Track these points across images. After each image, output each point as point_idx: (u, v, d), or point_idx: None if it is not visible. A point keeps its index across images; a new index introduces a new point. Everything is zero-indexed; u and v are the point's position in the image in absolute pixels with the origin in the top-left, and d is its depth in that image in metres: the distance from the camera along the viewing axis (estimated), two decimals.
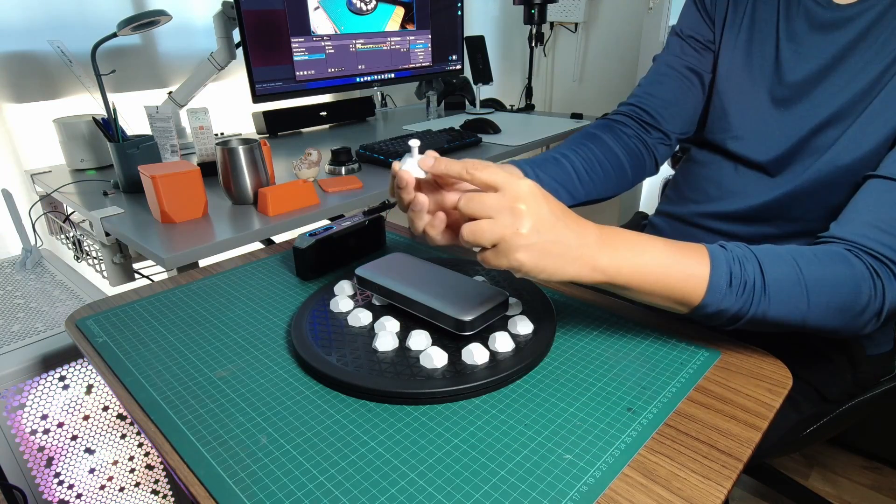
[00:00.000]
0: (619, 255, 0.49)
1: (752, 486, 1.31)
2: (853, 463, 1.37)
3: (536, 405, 0.50)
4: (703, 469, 0.43)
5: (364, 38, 1.58)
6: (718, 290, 0.50)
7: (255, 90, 1.39)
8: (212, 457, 0.45)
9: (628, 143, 0.81)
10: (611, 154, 0.79)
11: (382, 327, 0.58)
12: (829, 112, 0.64)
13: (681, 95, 0.81)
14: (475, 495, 0.41)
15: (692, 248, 0.52)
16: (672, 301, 0.52)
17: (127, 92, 1.49)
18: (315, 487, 0.42)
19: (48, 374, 0.86)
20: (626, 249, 0.50)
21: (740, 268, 0.51)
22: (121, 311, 0.67)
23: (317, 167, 1.12)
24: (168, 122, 1.17)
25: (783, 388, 0.52)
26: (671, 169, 1.84)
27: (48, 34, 1.32)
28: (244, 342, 0.60)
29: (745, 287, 0.50)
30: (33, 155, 1.37)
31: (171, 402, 0.51)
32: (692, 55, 0.80)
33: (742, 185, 0.73)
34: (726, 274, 0.50)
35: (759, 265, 0.51)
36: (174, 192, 0.93)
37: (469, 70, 1.90)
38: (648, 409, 0.50)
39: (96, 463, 0.93)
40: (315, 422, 0.49)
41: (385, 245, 0.84)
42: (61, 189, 1.14)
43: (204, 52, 1.42)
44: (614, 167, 0.79)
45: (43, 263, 1.17)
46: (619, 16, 1.97)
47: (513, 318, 0.59)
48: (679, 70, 0.81)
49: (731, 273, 0.50)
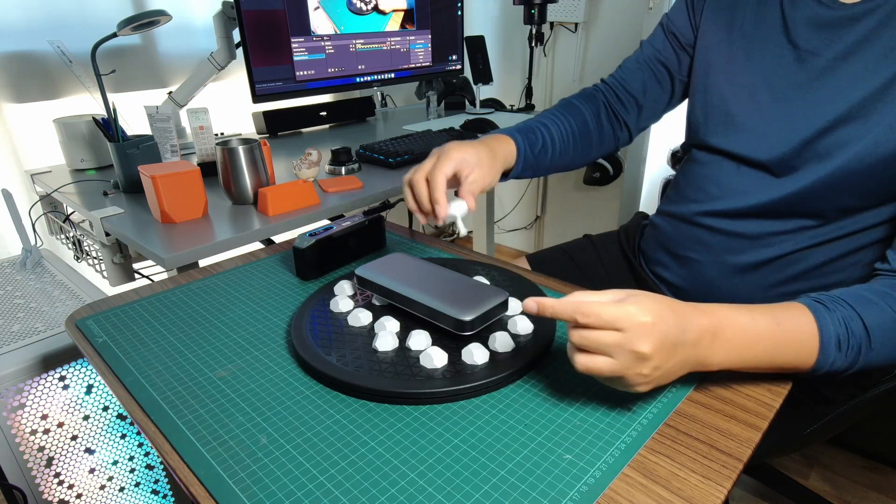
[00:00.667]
0: (732, 352, 0.49)
1: (752, 486, 1.31)
2: (853, 463, 1.37)
3: (536, 405, 0.50)
4: (703, 469, 0.43)
5: (364, 38, 1.58)
6: (828, 356, 0.51)
7: (255, 90, 1.39)
8: (212, 457, 0.45)
9: (601, 121, 0.87)
10: (585, 129, 0.86)
11: (382, 327, 0.58)
12: (835, 114, 0.64)
13: (649, 92, 0.86)
14: (475, 495, 0.41)
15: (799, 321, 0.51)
16: (784, 371, 0.53)
17: (127, 92, 1.49)
18: (315, 487, 0.42)
19: (48, 374, 0.86)
20: (739, 343, 0.49)
21: (846, 330, 0.52)
22: (121, 311, 0.67)
23: (317, 167, 1.12)
24: (168, 122, 1.17)
25: (783, 389, 0.53)
26: (672, 170, 1.84)
27: (48, 34, 1.32)
28: (244, 342, 0.60)
29: (850, 348, 0.52)
30: (33, 155, 1.37)
31: (171, 402, 0.51)
32: (669, 52, 0.84)
33: (744, 183, 0.72)
34: (835, 341, 0.51)
35: (863, 322, 0.52)
36: (174, 192, 0.93)
37: (469, 70, 1.90)
38: (648, 409, 0.49)
39: (96, 463, 0.93)
40: (315, 422, 0.49)
41: (385, 245, 0.84)
42: (61, 189, 1.14)
43: (204, 52, 1.42)
44: (584, 141, 0.86)
45: (43, 263, 1.17)
46: (619, 16, 1.97)
47: (513, 318, 0.59)
48: (653, 65, 0.85)
49: (839, 337, 0.51)
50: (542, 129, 0.82)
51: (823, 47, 0.66)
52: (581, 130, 0.85)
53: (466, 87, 1.96)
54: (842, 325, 0.52)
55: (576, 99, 0.89)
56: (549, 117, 0.84)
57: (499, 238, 2.64)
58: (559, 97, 2.31)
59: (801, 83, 0.68)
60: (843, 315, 0.52)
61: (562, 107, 0.87)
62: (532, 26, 1.93)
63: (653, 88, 0.85)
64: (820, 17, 0.66)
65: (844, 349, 0.51)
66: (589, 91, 0.90)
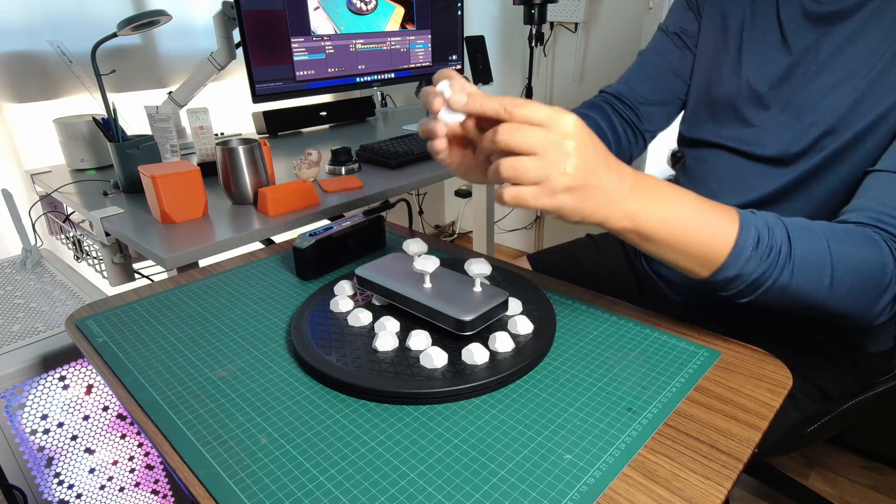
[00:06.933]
0: (650, 204, 0.48)
1: (752, 486, 1.31)
2: (853, 463, 1.37)
3: (536, 405, 0.50)
4: (703, 469, 0.43)
5: (364, 38, 1.58)
6: (744, 251, 0.49)
7: (255, 90, 1.39)
8: (212, 457, 0.45)
9: (616, 129, 0.83)
10: (603, 138, 0.80)
11: (382, 327, 0.58)
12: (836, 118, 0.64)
13: (658, 96, 0.83)
14: (475, 495, 0.41)
15: (722, 208, 0.51)
16: (694, 260, 0.50)
17: (127, 92, 1.49)
18: (315, 487, 0.42)
19: (48, 374, 0.86)
20: (659, 198, 0.48)
21: (768, 232, 0.49)
22: (121, 311, 0.67)
23: (317, 167, 1.12)
24: (168, 122, 1.17)
25: (783, 388, 0.52)
26: (672, 170, 1.84)
27: (48, 34, 1.32)
28: (244, 342, 0.60)
29: (770, 251, 0.49)
30: (33, 155, 1.37)
31: (171, 402, 0.51)
32: (675, 54, 0.82)
33: (745, 177, 0.73)
34: (754, 236, 0.49)
35: (788, 233, 0.50)
36: (174, 192, 0.93)
37: (469, 70, 1.90)
38: (648, 409, 0.49)
39: (96, 463, 0.93)
40: (315, 422, 0.49)
41: (385, 245, 0.84)
42: (61, 189, 1.14)
43: (204, 52, 1.42)
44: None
45: (43, 263, 1.17)
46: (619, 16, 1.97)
47: (513, 318, 0.59)
48: (658, 70, 0.83)
49: (759, 236, 0.49)
50: None
51: (820, 42, 0.66)
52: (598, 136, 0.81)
53: None
54: (764, 227, 0.50)
55: (583, 109, 0.85)
56: None
57: (499, 238, 2.64)
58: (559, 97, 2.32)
59: (801, 78, 0.68)
60: (770, 220, 0.50)
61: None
62: (532, 26, 1.93)
63: (661, 93, 0.83)
64: (813, 12, 0.67)
65: (761, 250, 0.49)
66: (594, 102, 0.86)
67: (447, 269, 0.64)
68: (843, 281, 0.50)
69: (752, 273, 0.50)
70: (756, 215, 0.51)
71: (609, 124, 0.82)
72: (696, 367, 0.55)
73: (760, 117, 0.71)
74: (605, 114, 0.84)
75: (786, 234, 0.50)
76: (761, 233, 0.49)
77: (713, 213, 0.50)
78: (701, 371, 0.54)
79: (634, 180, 0.48)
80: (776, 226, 0.50)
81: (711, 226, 0.49)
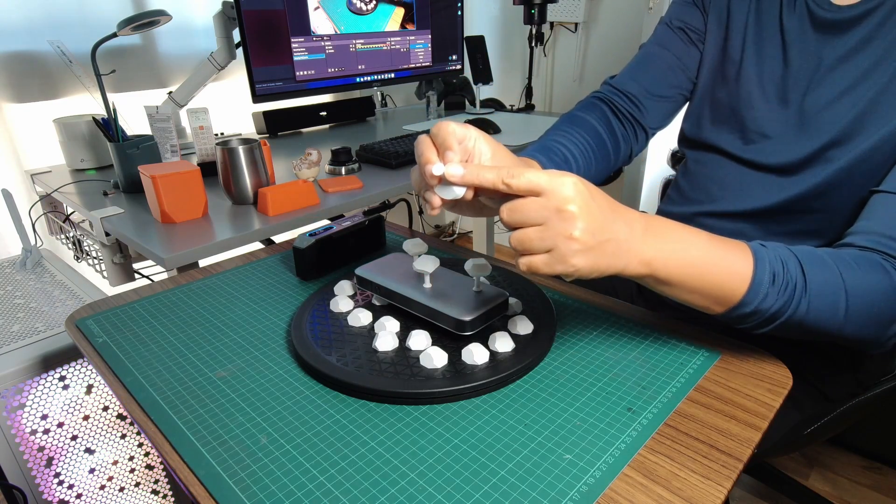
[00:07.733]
0: (665, 246, 0.48)
1: (752, 486, 1.31)
2: (853, 463, 1.37)
3: (536, 405, 0.50)
4: (703, 469, 0.43)
5: (364, 38, 1.58)
6: (761, 287, 0.49)
7: (255, 90, 1.39)
8: (212, 457, 0.45)
9: (612, 127, 0.82)
10: (599, 138, 0.79)
11: (382, 327, 0.58)
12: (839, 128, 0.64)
13: (660, 87, 0.81)
14: (475, 495, 0.41)
15: (734, 244, 0.51)
16: (710, 299, 0.50)
17: (127, 92, 1.49)
18: (315, 487, 0.42)
19: (48, 374, 0.86)
20: (673, 242, 0.48)
21: (782, 266, 0.50)
22: (121, 311, 0.67)
23: (317, 167, 1.12)
24: (168, 122, 1.17)
25: (783, 388, 0.52)
26: (672, 170, 1.84)
27: (48, 34, 1.32)
28: (244, 342, 0.60)
29: (786, 286, 0.49)
30: (33, 155, 1.37)
31: (171, 402, 0.51)
32: (680, 48, 0.80)
33: (747, 184, 0.72)
34: (770, 272, 0.49)
35: (801, 265, 0.50)
36: (174, 192, 0.93)
37: (469, 70, 1.90)
38: (648, 409, 0.49)
39: (96, 463, 0.93)
40: (315, 422, 0.49)
41: (385, 245, 0.84)
42: (61, 189, 1.14)
43: (204, 52, 1.42)
44: (602, 151, 0.79)
45: (43, 263, 1.17)
46: (619, 16, 1.98)
47: (513, 318, 0.59)
48: (662, 61, 0.81)
49: (774, 271, 0.49)
50: (560, 146, 0.75)
51: (824, 50, 0.66)
52: (596, 141, 0.79)
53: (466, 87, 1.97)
54: (778, 262, 0.50)
55: (578, 111, 0.83)
56: (561, 134, 0.77)
57: (499, 238, 2.64)
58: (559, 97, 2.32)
59: (804, 86, 0.67)
60: (782, 254, 0.50)
61: (567, 122, 0.80)
62: (532, 26, 1.93)
63: (665, 87, 0.81)
64: (819, 19, 0.66)
65: (778, 285, 0.49)
66: (589, 101, 0.85)
67: (447, 269, 0.64)
68: (856, 310, 0.50)
69: (770, 308, 0.50)
70: (768, 248, 0.51)
71: (606, 126, 0.81)
72: (696, 368, 0.55)
73: (762, 124, 0.71)
74: (601, 114, 0.82)
75: (799, 267, 0.50)
76: (776, 268, 0.50)
77: (728, 252, 0.50)
78: (701, 371, 0.54)
79: (646, 224, 0.48)
80: (789, 259, 0.50)
81: (727, 264, 0.49)
